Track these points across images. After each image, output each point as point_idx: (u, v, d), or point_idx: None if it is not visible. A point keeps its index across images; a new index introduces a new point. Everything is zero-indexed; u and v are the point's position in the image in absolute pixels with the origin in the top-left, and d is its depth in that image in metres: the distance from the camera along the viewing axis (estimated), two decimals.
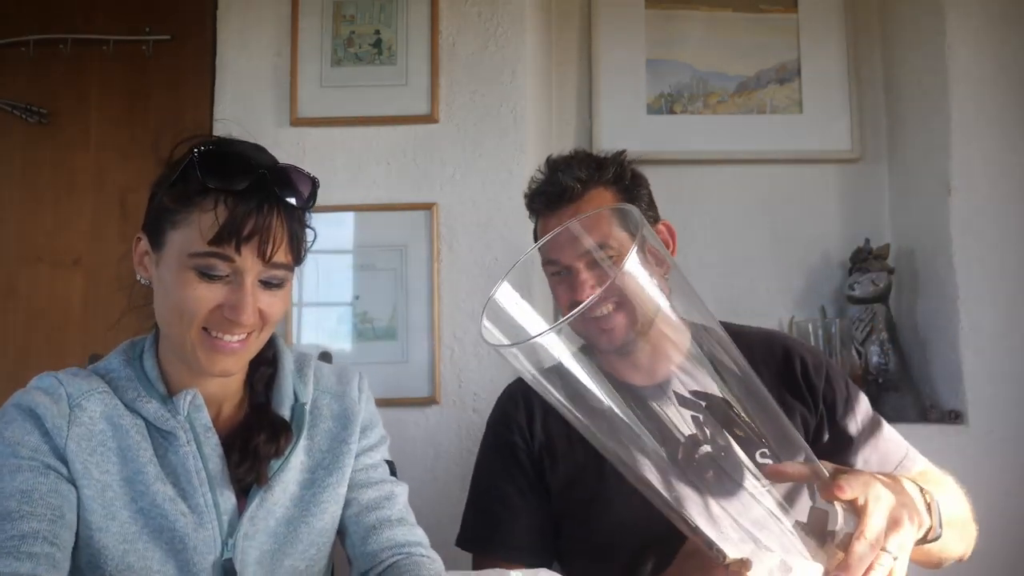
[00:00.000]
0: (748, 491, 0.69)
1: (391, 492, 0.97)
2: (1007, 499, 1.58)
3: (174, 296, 0.82)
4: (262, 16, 1.76)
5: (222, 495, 0.86)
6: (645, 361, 0.75)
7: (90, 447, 0.83)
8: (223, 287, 0.82)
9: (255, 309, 0.83)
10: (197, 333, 0.83)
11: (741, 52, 1.96)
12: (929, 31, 1.75)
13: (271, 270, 0.84)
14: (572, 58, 2.00)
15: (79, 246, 1.78)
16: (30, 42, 1.80)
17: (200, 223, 0.80)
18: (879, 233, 1.90)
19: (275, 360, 0.96)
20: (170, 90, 1.80)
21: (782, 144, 1.93)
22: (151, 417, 0.86)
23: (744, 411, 0.71)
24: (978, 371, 1.63)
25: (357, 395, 0.99)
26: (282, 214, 0.84)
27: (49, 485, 0.80)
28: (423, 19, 1.73)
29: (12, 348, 1.74)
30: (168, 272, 0.83)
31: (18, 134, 1.80)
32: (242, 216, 0.80)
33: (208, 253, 0.80)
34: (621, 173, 1.16)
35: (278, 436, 0.89)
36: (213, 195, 0.81)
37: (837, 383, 1.13)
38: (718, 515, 0.70)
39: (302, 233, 0.88)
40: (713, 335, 0.73)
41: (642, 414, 0.68)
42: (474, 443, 1.56)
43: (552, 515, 1.15)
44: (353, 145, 1.71)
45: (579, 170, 1.14)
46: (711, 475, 0.69)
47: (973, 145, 1.68)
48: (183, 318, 0.82)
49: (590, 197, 1.13)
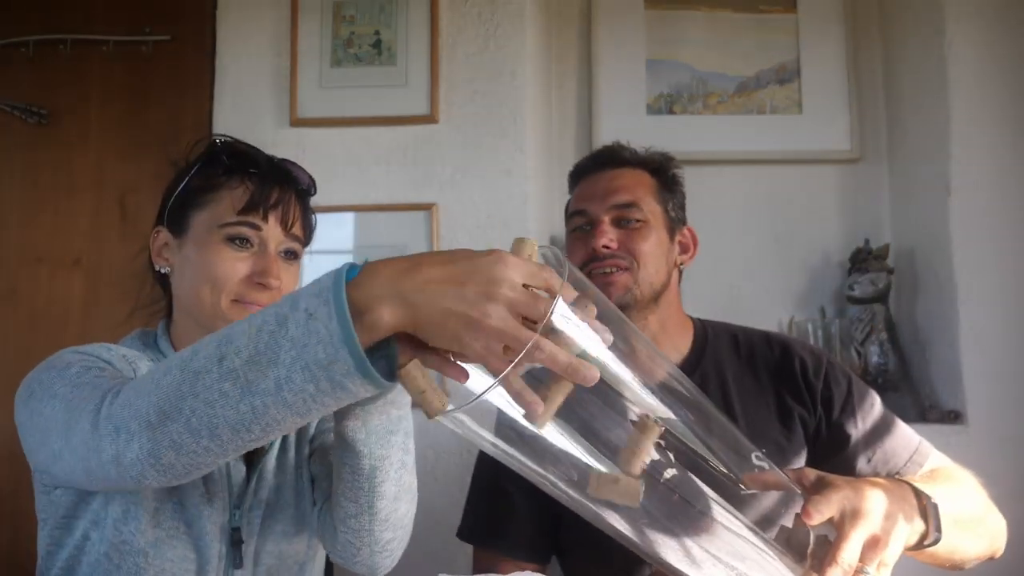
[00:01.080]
0: (719, 515, 0.68)
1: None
2: (1007, 499, 1.57)
3: (204, 268, 0.89)
4: (262, 16, 1.76)
5: (234, 466, 0.89)
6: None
7: None
8: (250, 257, 0.90)
9: (280, 274, 0.90)
10: (228, 304, 0.88)
11: (741, 52, 1.96)
12: (929, 31, 1.75)
13: (290, 241, 0.93)
14: (572, 58, 2.00)
15: (79, 246, 1.78)
16: (30, 42, 1.80)
17: (231, 198, 0.90)
18: (879, 233, 1.90)
19: None
20: (170, 90, 1.80)
21: (782, 144, 1.93)
22: None
23: (700, 432, 0.69)
24: (978, 371, 1.63)
25: None
26: (295, 195, 0.95)
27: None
28: (423, 19, 1.73)
29: (12, 348, 1.75)
30: (196, 249, 0.91)
31: (18, 134, 1.81)
32: (268, 190, 0.91)
33: (239, 222, 0.89)
34: (664, 167, 1.23)
35: None
36: (239, 175, 0.91)
37: (836, 382, 1.12)
38: (689, 545, 0.68)
39: (309, 215, 0.99)
40: (660, 364, 0.70)
41: (604, 448, 0.66)
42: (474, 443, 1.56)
43: (552, 511, 1.15)
44: (353, 145, 1.71)
45: (627, 152, 1.23)
46: (677, 498, 0.68)
47: (973, 145, 1.68)
48: (215, 287, 0.88)
49: (633, 170, 1.20)
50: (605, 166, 1.21)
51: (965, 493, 1.03)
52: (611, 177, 1.19)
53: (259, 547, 0.90)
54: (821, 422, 1.10)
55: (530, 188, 1.67)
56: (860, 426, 1.10)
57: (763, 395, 1.12)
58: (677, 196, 1.23)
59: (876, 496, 0.74)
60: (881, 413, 1.12)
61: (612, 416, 0.65)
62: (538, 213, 1.74)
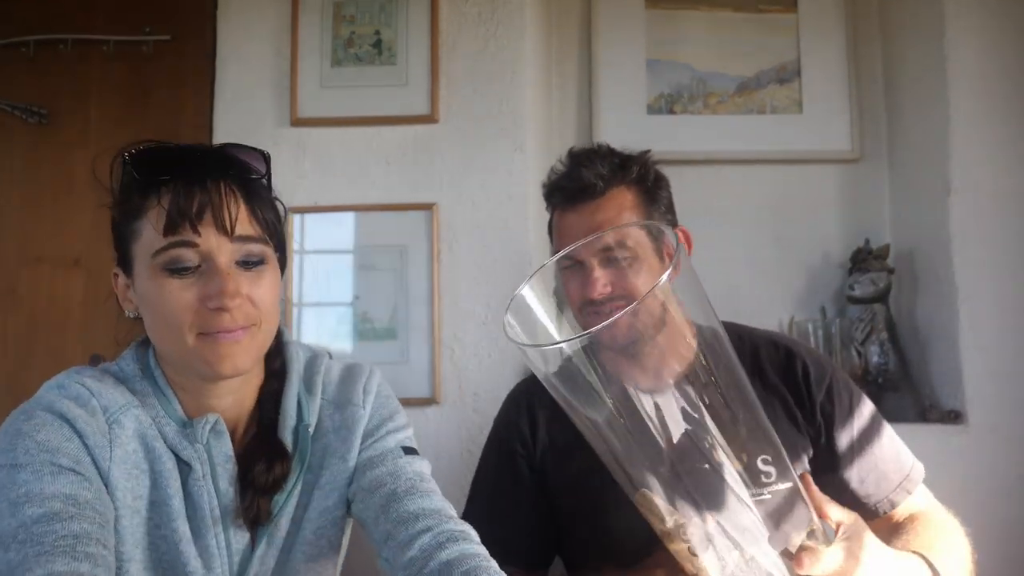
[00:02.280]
0: (736, 500, 0.70)
1: (396, 467, 0.87)
2: (1007, 499, 1.58)
3: (154, 308, 0.78)
4: (262, 16, 1.76)
5: (235, 535, 0.82)
6: (651, 365, 0.75)
7: (127, 471, 0.79)
8: (198, 280, 0.77)
9: (237, 290, 0.77)
10: (195, 340, 0.77)
11: (741, 52, 1.96)
12: (929, 30, 1.75)
13: (243, 245, 0.79)
14: (572, 58, 2.00)
15: (79, 246, 1.77)
16: (30, 42, 1.80)
17: (151, 221, 0.77)
18: (879, 233, 1.90)
19: (282, 371, 0.90)
20: (170, 90, 1.80)
21: (782, 144, 1.93)
22: (170, 443, 0.81)
23: (740, 421, 0.71)
24: (978, 371, 1.63)
25: (361, 399, 0.92)
26: (232, 187, 0.79)
27: (94, 493, 0.74)
28: (423, 19, 1.73)
29: (12, 348, 1.74)
30: (143, 286, 0.79)
31: (18, 134, 1.80)
32: (187, 196, 0.76)
33: (168, 245, 0.76)
34: (645, 173, 1.14)
35: (273, 465, 0.83)
36: (154, 190, 0.77)
37: (839, 397, 1.10)
38: (708, 522, 0.70)
39: (265, 205, 0.82)
40: (720, 342, 0.73)
41: (643, 415, 0.69)
42: (474, 443, 1.56)
43: (553, 519, 1.15)
44: (353, 145, 1.71)
45: (602, 166, 1.11)
46: (699, 479, 0.70)
47: (973, 145, 1.68)
48: (172, 327, 0.77)
49: (611, 195, 1.11)
50: (582, 199, 1.12)
51: (957, 549, 1.02)
52: (591, 212, 1.11)
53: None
54: (820, 432, 1.09)
55: (530, 188, 1.67)
56: (857, 445, 1.08)
57: (768, 398, 1.10)
58: (662, 201, 1.16)
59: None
60: (880, 433, 1.11)
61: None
62: (538, 213, 1.73)
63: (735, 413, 0.71)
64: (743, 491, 0.69)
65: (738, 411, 0.71)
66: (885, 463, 1.09)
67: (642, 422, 0.70)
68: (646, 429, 0.70)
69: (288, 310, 1.65)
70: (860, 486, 1.07)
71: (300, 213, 1.68)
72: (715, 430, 0.69)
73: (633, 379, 0.72)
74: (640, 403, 0.72)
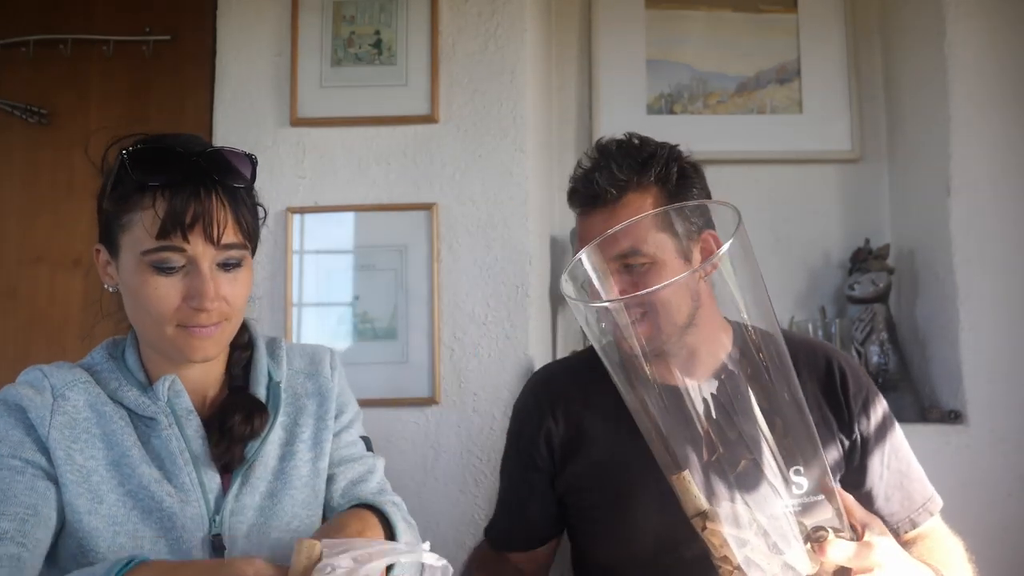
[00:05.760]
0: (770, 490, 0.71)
1: (372, 466, 1.03)
2: (1007, 499, 1.58)
3: (139, 297, 0.85)
4: (262, 16, 1.76)
5: (206, 475, 0.89)
6: (680, 365, 0.77)
7: (73, 434, 0.86)
8: (182, 278, 0.85)
9: (217, 293, 0.85)
10: (173, 331, 0.86)
11: (741, 52, 1.96)
12: (929, 31, 1.75)
13: (225, 252, 0.86)
14: (572, 58, 2.00)
15: (79, 246, 1.77)
16: (30, 42, 1.80)
17: (144, 221, 0.83)
18: (879, 233, 1.90)
19: (250, 344, 1.00)
20: (170, 90, 1.80)
21: (782, 144, 1.93)
22: (132, 405, 0.89)
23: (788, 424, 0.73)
24: (978, 371, 1.63)
25: (329, 372, 1.03)
26: (222, 196, 0.86)
27: (25, 483, 0.82)
28: (423, 19, 1.73)
29: (12, 348, 1.74)
30: (128, 275, 0.86)
31: (18, 134, 1.80)
32: (182, 205, 0.83)
33: (158, 248, 0.83)
34: (667, 173, 1.09)
35: (252, 417, 0.92)
36: (150, 191, 0.83)
37: (874, 411, 1.09)
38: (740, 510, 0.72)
39: (248, 212, 0.90)
40: (775, 343, 0.76)
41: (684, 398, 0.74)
42: (474, 443, 1.56)
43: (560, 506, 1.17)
44: (353, 145, 1.71)
45: (619, 169, 1.07)
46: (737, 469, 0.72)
47: (973, 145, 1.68)
48: (153, 317, 0.85)
49: (626, 202, 1.06)
50: (597, 205, 1.08)
51: (964, 566, 1.03)
52: (605, 219, 1.06)
53: (249, 552, 0.89)
54: (855, 445, 1.07)
55: (530, 188, 1.67)
56: (887, 462, 1.08)
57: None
58: (692, 197, 1.11)
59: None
60: (908, 450, 1.10)
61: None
62: (538, 213, 1.74)
63: (784, 415, 0.72)
64: (779, 482, 0.70)
65: (787, 413, 0.73)
66: (911, 482, 1.08)
67: (683, 404, 0.72)
68: (687, 412, 0.72)
69: (288, 310, 1.65)
70: (885, 504, 1.07)
71: (300, 213, 1.68)
72: (762, 424, 0.71)
73: (677, 361, 0.75)
74: (684, 385, 0.75)
